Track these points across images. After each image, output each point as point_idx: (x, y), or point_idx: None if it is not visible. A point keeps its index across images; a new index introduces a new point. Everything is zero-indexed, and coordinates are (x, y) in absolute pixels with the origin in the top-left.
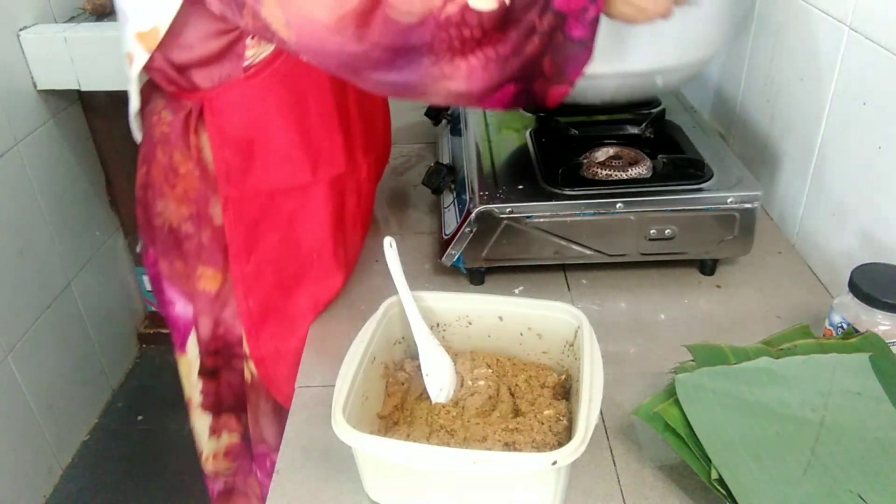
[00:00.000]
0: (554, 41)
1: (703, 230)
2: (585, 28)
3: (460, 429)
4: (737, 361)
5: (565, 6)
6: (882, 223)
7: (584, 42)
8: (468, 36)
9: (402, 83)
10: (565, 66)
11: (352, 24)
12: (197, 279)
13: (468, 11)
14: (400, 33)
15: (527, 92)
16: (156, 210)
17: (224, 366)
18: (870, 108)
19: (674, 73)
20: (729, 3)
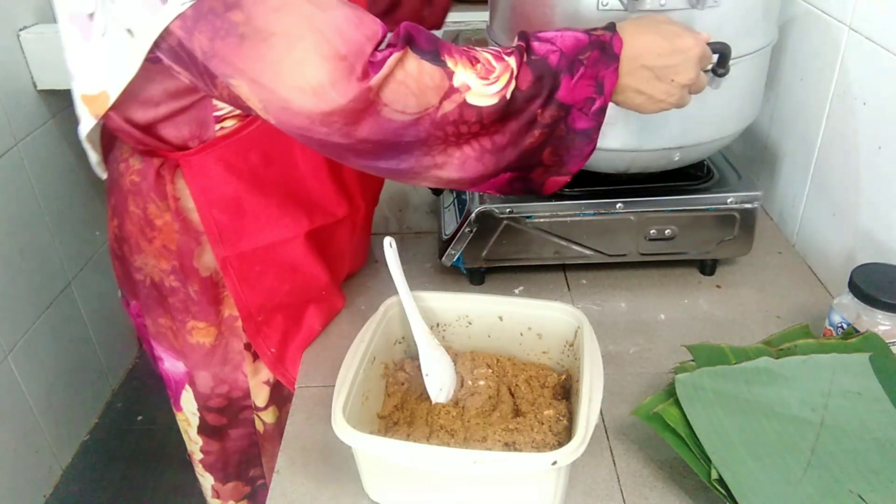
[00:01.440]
0: (556, 132)
1: (703, 230)
2: (590, 119)
3: (460, 429)
4: (737, 361)
5: (570, 98)
6: (882, 223)
7: (588, 132)
8: (465, 131)
9: (389, 170)
10: (566, 156)
11: (339, 120)
12: (188, 333)
13: (467, 108)
14: (392, 131)
15: (523, 180)
16: (134, 265)
17: (231, 423)
18: (870, 108)
19: (693, 150)
20: (748, 85)
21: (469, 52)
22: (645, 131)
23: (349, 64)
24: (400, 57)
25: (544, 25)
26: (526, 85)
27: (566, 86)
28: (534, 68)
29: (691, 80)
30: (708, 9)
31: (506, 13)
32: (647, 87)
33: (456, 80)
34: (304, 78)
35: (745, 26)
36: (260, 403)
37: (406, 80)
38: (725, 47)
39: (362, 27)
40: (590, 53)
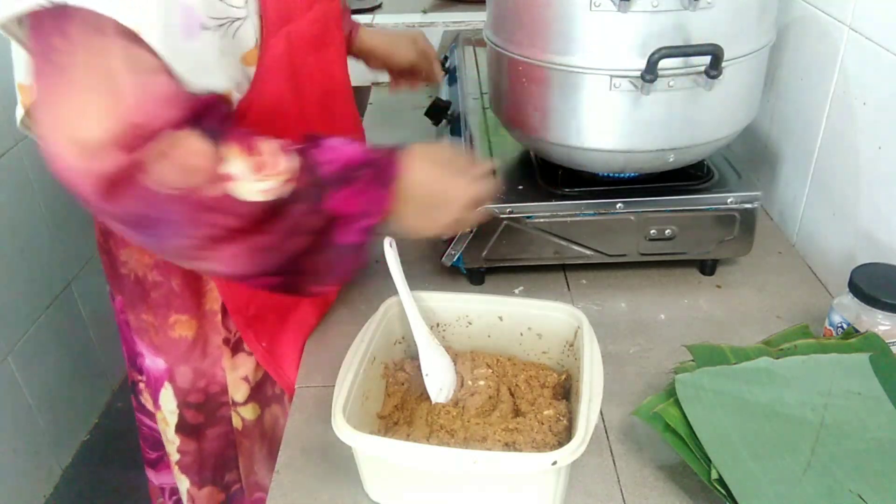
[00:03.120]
0: (322, 242)
1: (703, 230)
2: (357, 234)
3: (460, 429)
4: (737, 361)
5: (339, 210)
6: (882, 223)
7: (355, 247)
8: (232, 224)
9: (157, 247)
10: (331, 268)
11: (103, 187)
12: (170, 327)
13: (229, 199)
14: (155, 203)
15: (288, 285)
16: (120, 259)
17: (208, 421)
18: (870, 108)
19: (688, 151)
20: (744, 87)
21: (250, 140)
22: (639, 133)
23: (133, 134)
24: (180, 135)
25: (539, 27)
26: (296, 188)
27: (334, 199)
28: (309, 174)
29: (455, 220)
30: (701, 10)
31: (501, 14)
32: (415, 217)
33: (224, 168)
34: (79, 128)
35: (740, 28)
36: (239, 399)
37: (174, 156)
38: (717, 49)
39: (168, 107)
40: (366, 171)
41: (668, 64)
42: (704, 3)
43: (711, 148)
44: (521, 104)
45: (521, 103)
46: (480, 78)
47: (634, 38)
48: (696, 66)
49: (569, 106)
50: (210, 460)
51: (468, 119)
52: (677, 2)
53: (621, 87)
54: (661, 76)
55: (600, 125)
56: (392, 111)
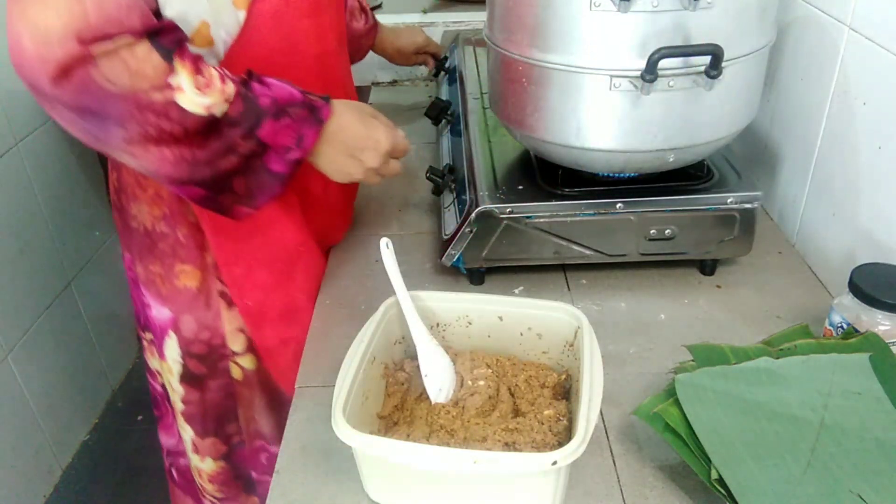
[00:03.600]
0: (250, 166)
1: (703, 230)
2: (284, 165)
3: (460, 429)
4: (737, 361)
5: (270, 139)
6: (882, 223)
7: (280, 176)
8: (167, 129)
9: (91, 134)
10: (256, 191)
11: (55, 72)
12: (176, 277)
13: (173, 107)
14: (98, 98)
15: (213, 200)
16: (130, 213)
17: (210, 373)
18: (870, 108)
19: (688, 151)
20: (744, 87)
21: (199, 63)
22: (639, 133)
23: (89, 30)
24: (133, 41)
25: (539, 27)
26: (234, 112)
27: (269, 128)
28: (245, 101)
29: (375, 165)
30: (701, 10)
31: (501, 14)
32: (338, 157)
33: (173, 79)
34: (42, 18)
35: (740, 28)
36: (237, 349)
37: (128, 60)
38: (717, 49)
39: (128, 15)
40: (299, 110)
41: (668, 64)
42: (704, 3)
43: (711, 148)
44: (521, 104)
45: (521, 103)
46: (480, 78)
47: (634, 38)
48: (696, 66)
49: (569, 106)
50: (212, 411)
51: (468, 119)
52: (677, 2)
53: (621, 87)
54: (661, 76)
55: (600, 125)
56: (392, 111)
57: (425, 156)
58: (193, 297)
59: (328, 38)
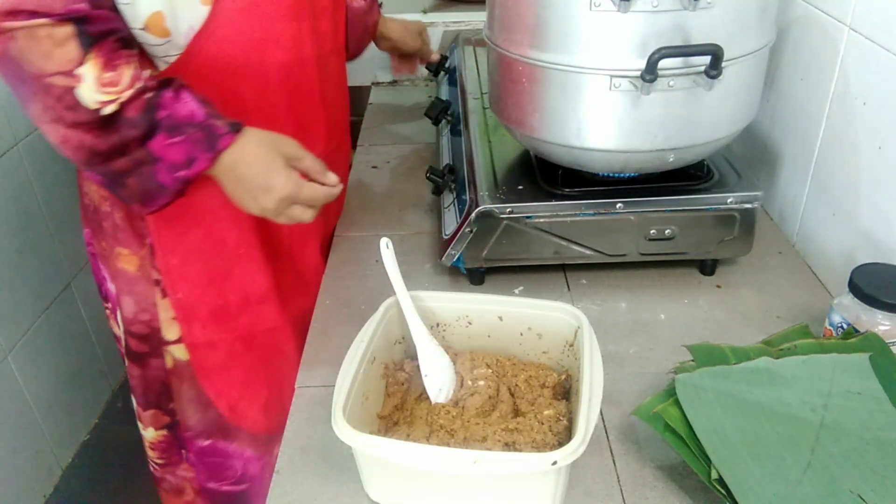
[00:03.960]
0: (140, 171)
1: (703, 230)
2: (173, 181)
3: (460, 429)
4: (737, 361)
5: (160, 152)
6: (882, 223)
7: (167, 189)
8: (64, 115)
9: (23, 107)
10: (144, 196)
11: None
12: (116, 258)
13: (69, 94)
14: (12, 70)
15: (112, 191)
16: (83, 189)
17: (151, 352)
18: (870, 108)
19: (688, 151)
20: (744, 87)
21: (116, 59)
22: (639, 133)
23: (15, 9)
24: (52, 23)
25: (539, 27)
26: (130, 115)
27: (161, 141)
28: (145, 108)
29: (271, 208)
30: (701, 10)
31: (501, 15)
32: (236, 190)
33: (80, 69)
34: None
35: (740, 28)
36: (170, 338)
37: (43, 41)
38: (717, 49)
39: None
40: (195, 132)
41: (668, 64)
42: (704, 3)
43: (711, 148)
44: (521, 104)
45: (521, 103)
46: (480, 78)
47: (634, 38)
48: (696, 66)
49: (569, 106)
50: (153, 387)
51: (468, 119)
52: (677, 2)
53: (621, 87)
54: (661, 76)
55: (600, 125)
56: (392, 111)
57: (425, 156)
58: (131, 280)
59: (306, 46)
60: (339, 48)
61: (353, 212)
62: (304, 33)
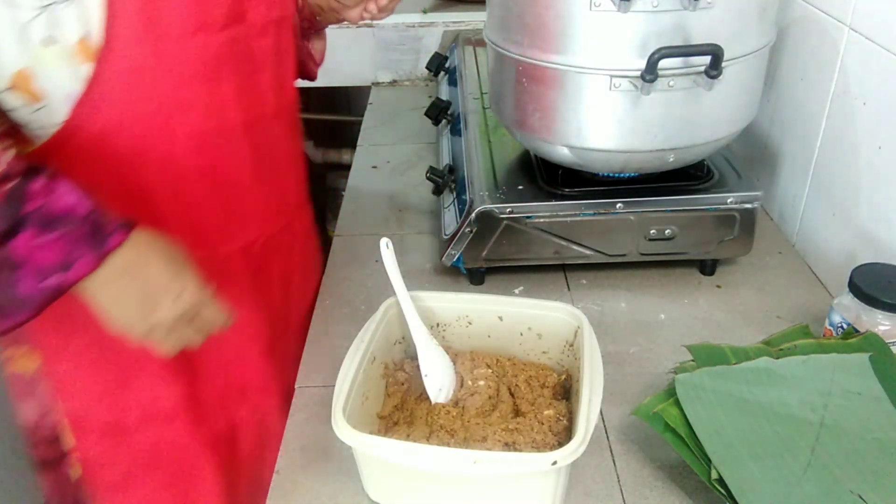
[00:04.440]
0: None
1: (703, 230)
2: (39, 291)
3: (460, 429)
4: (737, 361)
5: (25, 253)
6: (882, 223)
7: (27, 302)
8: None
9: None
10: (1, 308)
11: None
12: (6, 362)
13: None
14: None
15: None
16: None
17: (61, 458)
18: (870, 108)
19: (688, 151)
20: (744, 87)
21: None
22: (638, 133)
23: None
24: None
25: (539, 27)
26: None
27: (27, 239)
28: (8, 200)
29: (170, 315)
30: (701, 10)
31: (502, 15)
32: (125, 299)
33: None
34: None
35: (740, 28)
36: (69, 446)
37: None
38: (717, 49)
39: None
40: (76, 228)
41: (668, 64)
42: (704, 3)
43: (711, 148)
44: (521, 104)
45: (522, 103)
46: (480, 78)
47: (634, 38)
48: (696, 66)
49: (569, 106)
50: (67, 499)
51: (468, 119)
52: (677, 2)
53: (621, 87)
54: (661, 76)
55: (600, 125)
56: (392, 111)
57: (425, 156)
58: (29, 383)
59: (230, 112)
60: (287, 106)
61: (353, 212)
62: (227, 96)
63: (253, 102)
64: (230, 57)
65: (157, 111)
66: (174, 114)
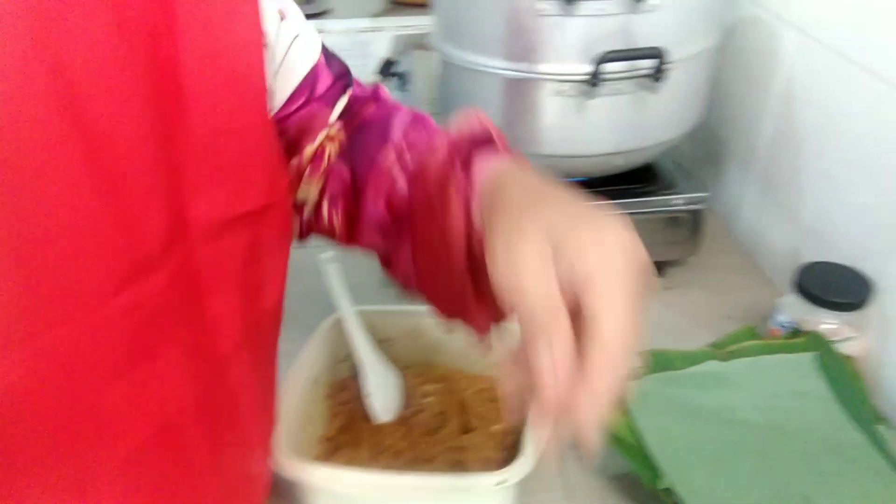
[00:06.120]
0: None
1: (651, 233)
2: None
3: (407, 449)
4: (684, 366)
5: None
6: (826, 222)
7: None
8: None
9: None
10: None
11: None
12: None
13: None
14: None
15: None
16: None
17: None
18: (813, 108)
19: (635, 154)
20: (690, 88)
21: None
22: (585, 137)
23: None
24: None
25: (483, 33)
26: None
27: None
28: None
29: None
30: (644, 13)
31: (447, 22)
32: None
33: None
34: None
35: (685, 30)
36: None
37: None
38: (662, 52)
39: None
40: None
41: (614, 68)
42: (648, 5)
43: (659, 150)
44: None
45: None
46: (431, 83)
47: (579, 42)
48: (641, 69)
49: (514, 111)
50: None
51: None
52: (621, 5)
53: (567, 91)
54: (606, 80)
55: (546, 130)
56: None
57: None
58: None
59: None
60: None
61: None
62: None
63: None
64: (150, 328)
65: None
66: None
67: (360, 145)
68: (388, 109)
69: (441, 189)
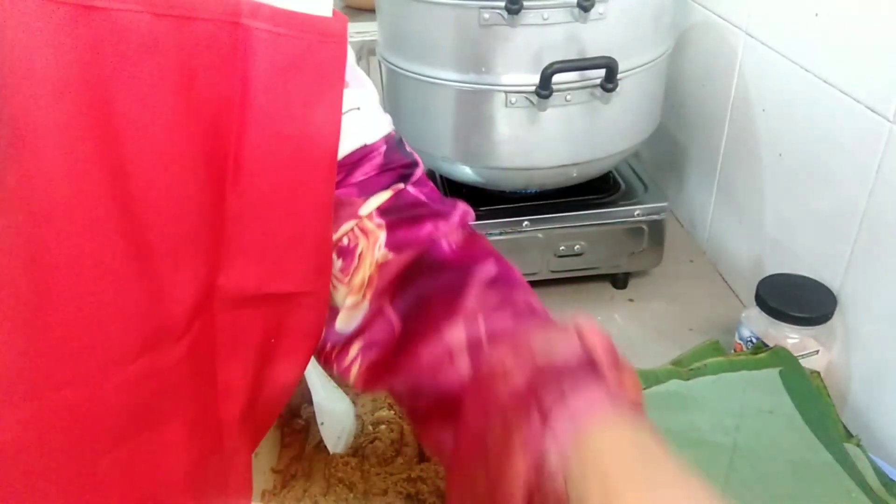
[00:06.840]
0: None
1: (612, 244)
2: None
3: (360, 481)
4: (647, 386)
5: None
6: (786, 231)
7: None
8: None
9: None
10: None
11: None
12: None
13: None
14: None
15: None
16: None
17: None
18: (769, 115)
19: (590, 165)
20: (643, 97)
21: None
22: (538, 149)
23: None
24: None
25: (429, 44)
26: None
27: None
28: None
29: None
30: (592, 22)
31: (393, 33)
32: None
33: None
34: None
35: (634, 38)
36: None
37: None
38: (611, 62)
39: None
40: None
41: (564, 78)
42: (595, 14)
43: (614, 160)
44: (418, 122)
45: (419, 121)
46: None
47: (526, 52)
48: (592, 79)
49: (465, 123)
50: None
51: None
52: (568, 14)
53: (517, 103)
54: (556, 91)
55: (498, 142)
56: None
57: None
58: None
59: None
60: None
61: None
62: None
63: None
64: (152, 396)
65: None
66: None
67: (423, 300)
68: (470, 254)
69: (505, 431)
